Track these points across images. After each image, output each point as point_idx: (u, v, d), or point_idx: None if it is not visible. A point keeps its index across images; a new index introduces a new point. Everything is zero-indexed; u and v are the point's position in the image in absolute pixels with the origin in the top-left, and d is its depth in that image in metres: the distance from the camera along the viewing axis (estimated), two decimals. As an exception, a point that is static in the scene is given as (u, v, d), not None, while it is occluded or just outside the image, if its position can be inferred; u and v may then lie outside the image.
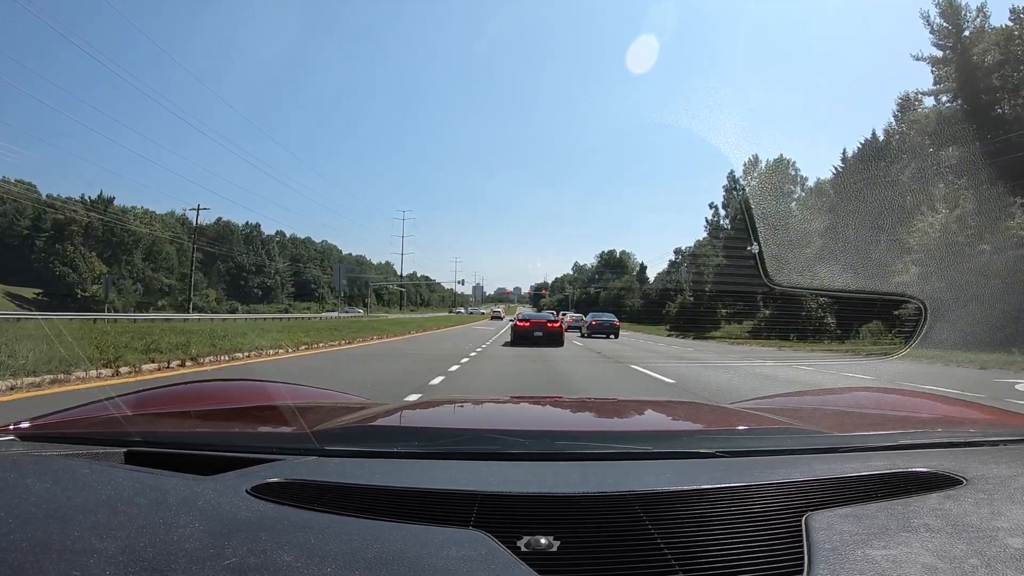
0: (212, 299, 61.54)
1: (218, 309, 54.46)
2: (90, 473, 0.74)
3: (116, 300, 50.34)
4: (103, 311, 37.97)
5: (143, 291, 54.19)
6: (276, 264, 76.02)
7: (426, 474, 0.81)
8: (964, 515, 0.65)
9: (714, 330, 32.82)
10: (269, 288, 74.49)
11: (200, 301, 58.93)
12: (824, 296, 22.60)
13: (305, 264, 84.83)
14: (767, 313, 28.54)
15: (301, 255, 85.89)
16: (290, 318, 38.68)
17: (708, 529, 0.64)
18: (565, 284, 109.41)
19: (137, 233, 56.36)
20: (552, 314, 24.39)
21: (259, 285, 73.25)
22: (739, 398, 2.32)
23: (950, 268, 18.25)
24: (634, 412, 1.60)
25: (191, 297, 41.90)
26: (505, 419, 1.40)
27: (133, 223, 56.39)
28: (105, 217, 53.99)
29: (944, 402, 1.52)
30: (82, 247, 52.57)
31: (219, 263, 68.97)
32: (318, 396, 1.66)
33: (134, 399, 1.23)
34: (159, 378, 7.46)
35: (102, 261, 53.34)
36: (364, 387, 7.00)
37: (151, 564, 0.51)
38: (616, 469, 0.85)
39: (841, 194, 26.71)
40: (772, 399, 1.86)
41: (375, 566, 0.53)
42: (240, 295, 68.72)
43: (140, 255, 57.36)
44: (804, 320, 24.30)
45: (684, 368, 11.55)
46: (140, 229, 56.69)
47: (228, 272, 70.59)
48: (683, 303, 40.35)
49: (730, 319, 34.01)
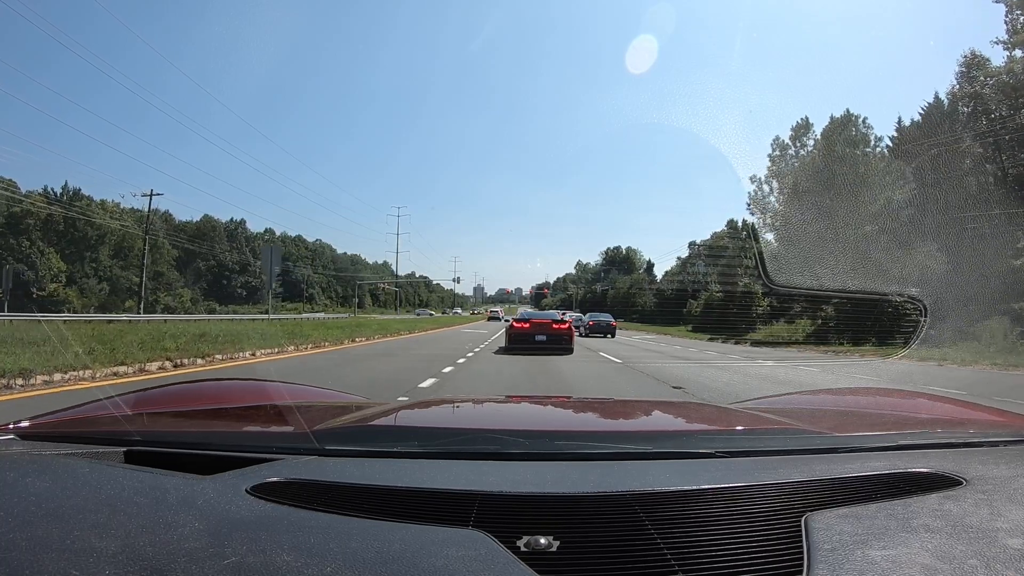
0: (186, 299, 56.91)
1: (193, 310, 50.28)
2: (90, 472, 0.75)
3: (75, 300, 45.94)
4: (64, 312, 34.20)
5: (109, 290, 49.56)
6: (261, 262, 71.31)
7: (426, 474, 0.81)
8: (964, 516, 0.65)
9: (749, 331, 27.99)
10: (254, 288, 69.98)
11: (173, 301, 54.52)
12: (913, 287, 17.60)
13: (295, 263, 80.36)
14: (830, 311, 22.67)
15: (291, 254, 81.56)
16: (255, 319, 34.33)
17: (708, 529, 0.64)
18: (568, 283, 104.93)
19: (103, 228, 51.50)
20: (558, 314, 18.32)
21: (243, 285, 68.76)
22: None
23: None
24: (634, 412, 1.60)
25: (143, 295, 37.20)
26: (505, 419, 1.38)
27: (102, 217, 51.58)
28: (68, 211, 49.25)
29: (944, 403, 1.51)
30: (40, 242, 47.81)
31: (199, 261, 64.60)
32: (318, 396, 1.64)
33: (134, 398, 1.22)
34: (159, 378, 7.47)
35: (63, 258, 48.61)
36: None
37: (151, 563, 0.51)
38: (616, 469, 0.85)
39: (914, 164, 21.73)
40: (772, 399, 1.86)
41: (375, 566, 0.53)
42: (222, 295, 64.40)
43: (108, 252, 52.59)
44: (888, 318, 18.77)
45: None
46: (109, 223, 51.85)
47: (209, 271, 66.18)
48: (709, 300, 35.40)
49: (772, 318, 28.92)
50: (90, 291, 48.80)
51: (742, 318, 29.49)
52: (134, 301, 49.72)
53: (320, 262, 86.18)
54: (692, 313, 37.15)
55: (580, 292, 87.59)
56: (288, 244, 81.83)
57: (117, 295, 49.42)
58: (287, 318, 36.40)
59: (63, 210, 48.80)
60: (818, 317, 22.69)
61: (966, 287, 14.29)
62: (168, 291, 56.00)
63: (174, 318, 27.29)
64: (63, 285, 47.23)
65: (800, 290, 19.76)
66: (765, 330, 27.50)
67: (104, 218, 51.53)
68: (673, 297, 45.14)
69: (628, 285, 65.95)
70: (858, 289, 16.43)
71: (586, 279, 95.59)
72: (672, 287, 49.18)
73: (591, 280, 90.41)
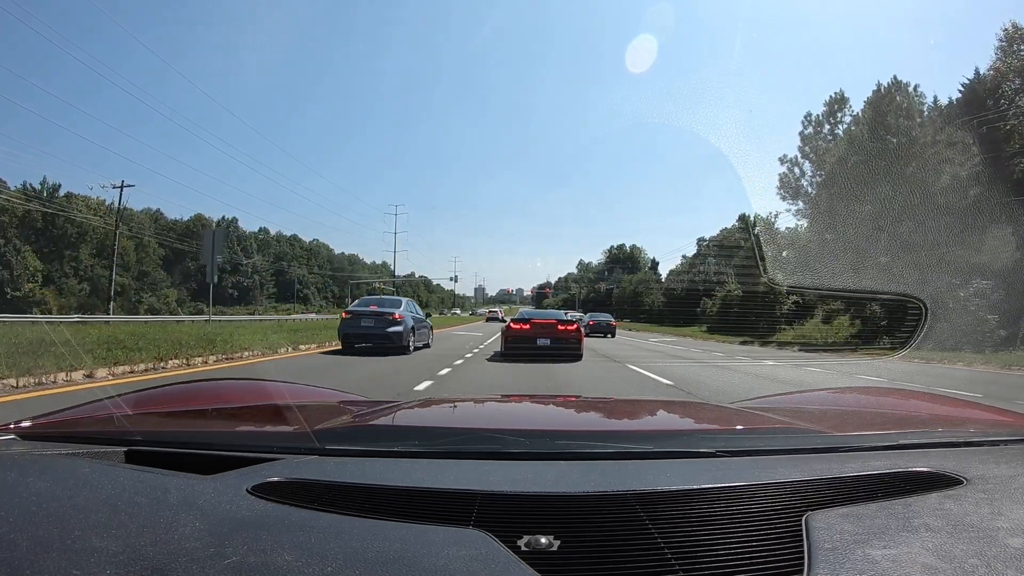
0: (172, 299, 54.53)
1: (179, 311, 47.89)
2: (90, 472, 0.75)
3: (52, 301, 43.59)
4: (40, 312, 32.02)
5: (89, 290, 47.20)
6: (253, 262, 68.80)
7: (426, 473, 0.81)
8: (964, 515, 0.65)
9: (775, 332, 25.41)
10: (246, 289, 67.67)
11: (158, 302, 52.18)
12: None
13: (289, 264, 77.91)
14: (875, 309, 19.59)
15: (285, 253, 79.20)
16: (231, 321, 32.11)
17: (708, 528, 0.64)
18: (570, 283, 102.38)
19: (84, 225, 49.09)
20: (564, 313, 15.09)
21: (234, 285, 66.41)
22: None
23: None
24: (634, 411, 1.59)
25: (111, 295, 34.78)
26: (505, 418, 1.39)
27: (85, 214, 49.15)
28: (48, 208, 46.85)
29: (944, 402, 1.53)
30: (16, 240, 45.41)
31: (188, 261, 62.23)
32: (318, 395, 1.65)
33: (134, 398, 1.23)
34: (159, 378, 7.04)
35: (40, 257, 46.21)
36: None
37: (152, 563, 0.51)
38: (616, 468, 0.85)
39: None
40: (772, 399, 1.84)
41: (375, 565, 0.53)
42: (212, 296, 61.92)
43: (89, 250, 50.20)
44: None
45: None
46: (91, 220, 49.42)
47: (199, 271, 63.77)
48: (726, 298, 32.77)
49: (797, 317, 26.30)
50: (69, 291, 46.46)
51: (764, 317, 26.84)
52: (116, 302, 47.51)
53: (316, 262, 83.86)
54: (707, 313, 34.63)
55: (583, 292, 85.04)
56: (283, 243, 79.61)
57: (98, 295, 46.98)
58: (239, 319, 33.99)
59: (40, 207, 46.44)
60: (860, 316, 19.79)
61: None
62: (153, 291, 53.60)
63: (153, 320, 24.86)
64: (39, 285, 44.83)
65: (835, 291, 17.19)
66: (792, 331, 24.85)
67: (87, 215, 49.09)
68: (684, 296, 42.55)
69: (635, 284, 63.22)
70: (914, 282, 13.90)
71: (588, 279, 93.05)
72: (682, 285, 46.41)
73: (594, 279, 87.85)
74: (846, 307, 20.79)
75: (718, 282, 35.98)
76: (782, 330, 25.72)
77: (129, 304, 46.41)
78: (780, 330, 25.82)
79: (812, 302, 24.80)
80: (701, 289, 39.27)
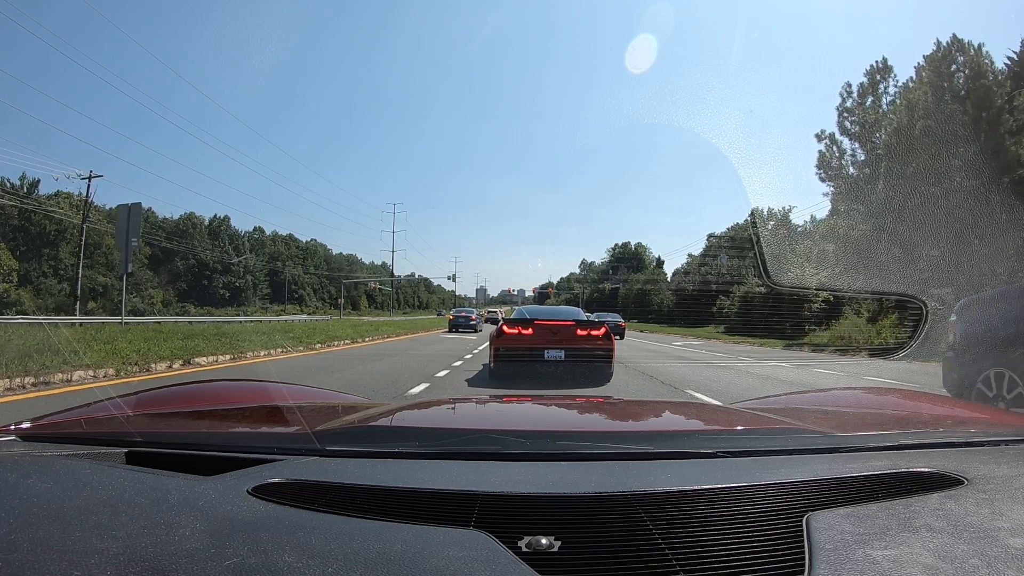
0: (157, 300, 52.21)
1: (165, 312, 45.66)
2: (91, 473, 0.75)
3: (29, 301, 41.25)
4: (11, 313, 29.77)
5: (68, 291, 44.85)
6: (245, 261, 66.41)
7: (427, 474, 0.81)
8: (965, 515, 0.65)
9: (801, 335, 23.03)
10: (238, 289, 65.23)
11: (142, 303, 49.87)
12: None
13: (284, 263, 75.61)
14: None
15: (280, 253, 76.89)
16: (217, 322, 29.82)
17: (709, 529, 0.64)
18: (572, 283, 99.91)
19: (63, 223, 46.75)
20: (581, 313, 9.81)
21: (225, 285, 63.94)
22: None
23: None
24: (635, 412, 1.59)
25: (78, 295, 32.43)
26: (506, 419, 1.38)
27: (66, 211, 46.81)
28: (24, 204, 44.54)
29: (945, 402, 1.53)
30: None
31: (177, 260, 59.95)
32: (319, 396, 1.64)
33: (135, 399, 1.22)
34: (159, 378, 7.17)
35: (16, 256, 43.87)
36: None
37: (152, 564, 0.51)
38: (617, 469, 0.85)
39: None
40: (773, 399, 1.82)
41: (376, 566, 0.53)
42: (203, 296, 59.70)
43: (70, 249, 47.87)
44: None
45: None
46: (71, 219, 47.08)
47: (189, 271, 61.52)
48: (746, 296, 30.34)
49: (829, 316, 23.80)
50: (47, 292, 44.18)
51: (791, 317, 24.40)
52: (97, 303, 45.22)
53: (312, 262, 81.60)
54: (724, 312, 32.28)
55: (586, 292, 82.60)
56: (278, 243, 77.36)
57: (80, 295, 44.75)
58: (210, 320, 31.69)
59: (17, 204, 44.15)
60: (909, 314, 17.23)
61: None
62: (138, 292, 51.29)
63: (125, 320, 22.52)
64: (15, 285, 42.48)
65: (883, 295, 14.81)
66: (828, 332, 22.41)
67: (64, 213, 46.76)
68: (695, 294, 40.13)
69: (642, 282, 60.72)
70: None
71: (592, 278, 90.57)
72: (695, 283, 43.87)
73: (597, 279, 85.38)
74: (898, 303, 18.06)
75: (732, 280, 33.66)
76: (812, 331, 23.33)
77: (111, 305, 44.06)
78: (810, 331, 23.42)
79: (846, 300, 22.31)
80: (715, 287, 36.94)
